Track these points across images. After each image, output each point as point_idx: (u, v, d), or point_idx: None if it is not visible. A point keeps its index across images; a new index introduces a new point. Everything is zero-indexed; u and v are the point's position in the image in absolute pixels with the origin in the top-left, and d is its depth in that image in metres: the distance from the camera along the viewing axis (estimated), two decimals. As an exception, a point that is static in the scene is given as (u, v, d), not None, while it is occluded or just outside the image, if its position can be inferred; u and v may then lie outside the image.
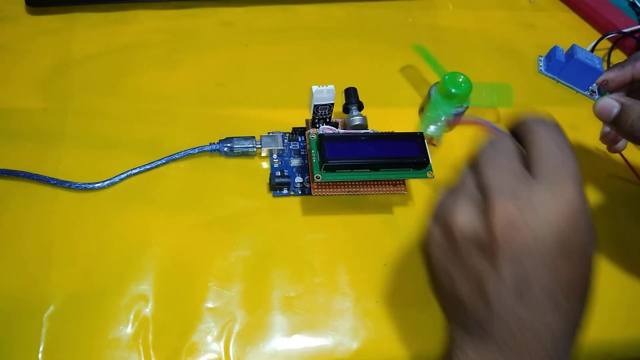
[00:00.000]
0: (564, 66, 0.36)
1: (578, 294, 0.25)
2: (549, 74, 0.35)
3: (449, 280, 0.27)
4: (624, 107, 0.33)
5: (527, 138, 0.27)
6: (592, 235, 0.25)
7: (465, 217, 0.26)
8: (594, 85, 0.34)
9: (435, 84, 0.45)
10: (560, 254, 0.24)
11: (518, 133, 0.28)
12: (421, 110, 0.46)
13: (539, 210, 0.24)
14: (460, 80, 0.43)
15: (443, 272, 0.27)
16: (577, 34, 0.56)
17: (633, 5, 0.56)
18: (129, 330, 0.34)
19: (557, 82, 0.42)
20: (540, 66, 0.37)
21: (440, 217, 0.27)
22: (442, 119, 0.42)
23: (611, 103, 0.33)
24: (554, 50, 0.36)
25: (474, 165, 0.27)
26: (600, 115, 0.34)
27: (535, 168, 0.25)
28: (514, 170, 0.25)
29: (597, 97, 0.34)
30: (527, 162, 0.26)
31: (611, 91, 0.35)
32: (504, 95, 0.44)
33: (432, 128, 0.42)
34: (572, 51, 0.36)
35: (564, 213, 0.24)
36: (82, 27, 0.48)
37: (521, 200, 0.24)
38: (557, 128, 0.27)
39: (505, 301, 0.24)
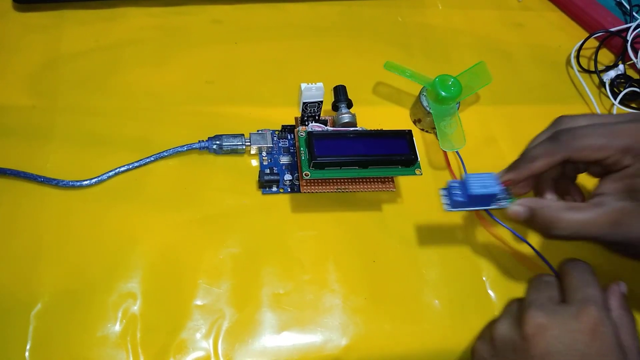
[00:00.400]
0: (465, 202, 0.34)
1: None
2: (455, 209, 0.35)
3: None
4: (533, 210, 0.33)
5: (564, 278, 0.32)
6: (615, 350, 0.28)
7: (503, 327, 0.31)
8: (499, 195, 0.34)
9: (423, 88, 0.45)
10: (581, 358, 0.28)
11: (560, 274, 0.33)
12: (418, 121, 0.46)
13: (565, 323, 0.29)
14: (450, 83, 0.43)
15: None
16: (564, 33, 0.56)
17: (620, 4, 0.57)
18: (117, 327, 0.34)
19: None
20: (446, 203, 0.35)
21: (485, 332, 0.32)
22: (449, 118, 0.42)
23: (518, 210, 0.34)
24: (449, 186, 0.34)
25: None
26: (513, 220, 0.34)
27: (567, 297, 0.31)
28: (551, 296, 0.31)
29: (504, 203, 0.35)
30: (563, 296, 0.31)
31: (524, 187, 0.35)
32: (482, 75, 0.45)
33: (450, 131, 0.42)
34: (465, 184, 0.34)
35: (587, 330, 0.28)
36: (71, 24, 0.47)
37: (551, 315, 0.29)
38: (586, 267, 0.32)
39: None
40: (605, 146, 0.31)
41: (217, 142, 0.41)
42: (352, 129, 0.40)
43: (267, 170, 0.41)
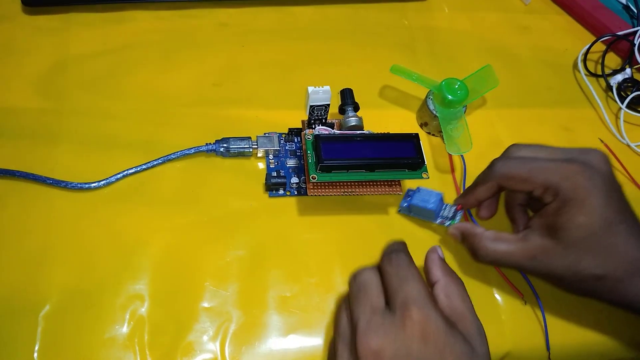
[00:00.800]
0: (408, 209, 0.39)
1: None
2: (402, 212, 0.40)
3: None
4: (463, 235, 0.37)
5: (383, 277, 0.31)
6: (448, 339, 0.28)
7: (342, 350, 0.30)
8: (445, 214, 0.39)
9: (430, 91, 0.45)
10: None
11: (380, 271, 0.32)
12: (425, 124, 0.46)
13: (396, 336, 0.28)
14: (457, 86, 0.43)
15: None
16: (571, 37, 0.56)
17: (627, 8, 0.57)
18: (125, 329, 0.34)
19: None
20: (400, 205, 0.40)
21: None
22: (455, 121, 0.43)
23: (453, 232, 0.38)
24: (406, 193, 0.40)
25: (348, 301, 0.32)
26: (452, 239, 0.38)
27: (389, 301, 0.30)
28: (373, 306, 0.30)
29: (447, 222, 0.39)
30: (385, 296, 0.30)
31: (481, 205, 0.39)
32: (488, 78, 0.45)
33: (457, 134, 0.42)
34: (413, 194, 0.39)
35: (416, 335, 0.28)
36: (79, 27, 0.48)
37: (381, 334, 0.28)
38: (401, 258, 0.31)
39: None
40: (528, 180, 0.34)
41: (225, 145, 0.41)
42: (359, 132, 0.41)
43: (274, 173, 0.41)
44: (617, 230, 0.32)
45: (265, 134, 0.43)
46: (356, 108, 0.42)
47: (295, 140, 0.43)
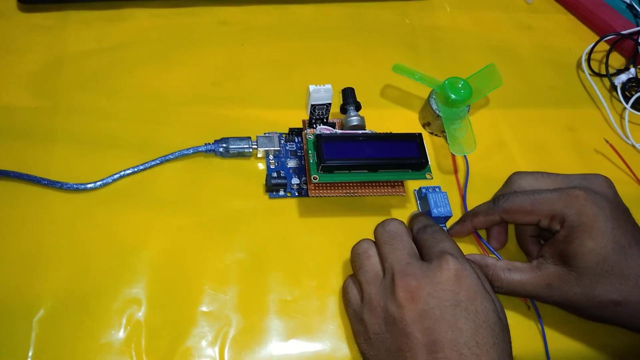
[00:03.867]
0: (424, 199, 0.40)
1: (484, 344, 0.29)
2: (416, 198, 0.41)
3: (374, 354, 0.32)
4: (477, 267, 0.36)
5: (418, 237, 0.35)
6: (485, 301, 0.30)
7: (377, 303, 0.31)
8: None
9: (432, 91, 0.44)
10: (456, 310, 0.29)
11: (413, 233, 0.36)
12: (427, 124, 0.45)
13: (432, 278, 0.30)
14: (460, 85, 0.42)
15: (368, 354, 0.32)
16: (574, 36, 0.55)
17: (631, 7, 0.56)
18: (121, 334, 0.33)
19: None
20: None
21: (358, 312, 0.33)
22: (459, 121, 0.42)
23: None
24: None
25: (377, 246, 0.34)
26: None
27: (425, 255, 0.33)
28: (410, 251, 0.32)
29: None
30: (419, 251, 0.33)
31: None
32: (492, 77, 0.44)
33: (460, 134, 0.41)
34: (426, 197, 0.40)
35: (451, 279, 0.30)
36: (75, 25, 0.47)
37: (419, 275, 0.31)
38: (434, 228, 0.35)
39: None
40: (533, 211, 0.35)
41: (224, 145, 0.40)
42: (361, 131, 0.40)
43: (275, 174, 0.40)
44: (630, 253, 0.32)
45: (265, 133, 0.42)
46: (358, 107, 0.42)
47: (296, 140, 0.42)
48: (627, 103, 0.49)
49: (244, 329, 0.34)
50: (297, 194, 0.40)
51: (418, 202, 0.41)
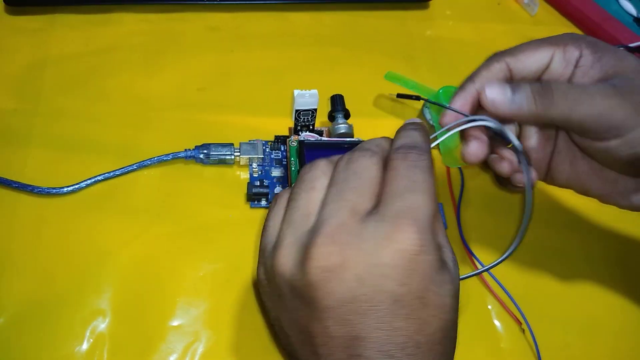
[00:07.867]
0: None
1: (426, 342, 0.21)
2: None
3: (283, 334, 0.24)
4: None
5: (389, 159, 0.24)
6: (442, 287, 0.22)
7: (286, 260, 0.22)
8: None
9: (425, 102, 0.42)
10: (394, 306, 0.21)
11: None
12: None
13: (370, 255, 0.21)
14: None
15: (275, 321, 0.25)
16: (579, 49, 0.53)
17: (638, 20, 0.54)
18: (84, 346, 0.31)
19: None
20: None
21: (265, 253, 0.24)
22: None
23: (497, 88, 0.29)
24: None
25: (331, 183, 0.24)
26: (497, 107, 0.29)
27: (381, 203, 0.22)
28: (355, 207, 0.22)
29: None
30: (381, 188, 0.23)
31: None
32: None
33: (454, 145, 0.39)
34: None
35: (398, 265, 0.21)
36: (62, 28, 0.46)
37: (348, 246, 0.21)
38: (420, 157, 0.24)
39: None
40: (539, 48, 0.31)
41: (205, 151, 0.39)
42: (347, 139, 0.38)
43: (257, 183, 0.38)
44: None
45: (249, 141, 0.40)
46: (347, 115, 0.40)
47: (282, 148, 0.41)
48: (633, 118, 0.47)
49: (215, 346, 0.32)
50: (279, 204, 0.38)
51: None
